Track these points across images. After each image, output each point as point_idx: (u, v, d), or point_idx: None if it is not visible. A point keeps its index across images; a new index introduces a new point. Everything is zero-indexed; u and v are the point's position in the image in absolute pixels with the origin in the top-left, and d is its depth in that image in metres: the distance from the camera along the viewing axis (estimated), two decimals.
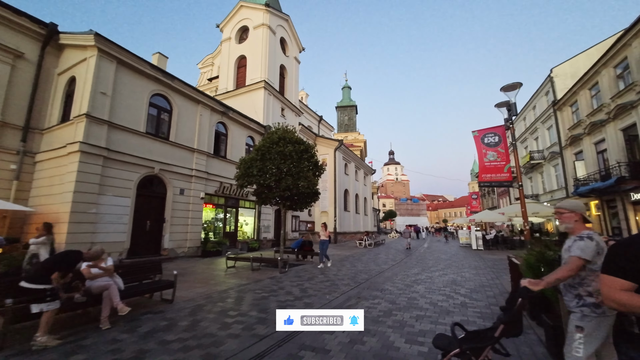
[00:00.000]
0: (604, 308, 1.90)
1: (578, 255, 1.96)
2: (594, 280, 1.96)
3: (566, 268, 1.99)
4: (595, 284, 1.95)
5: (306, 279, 7.71)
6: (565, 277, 2.00)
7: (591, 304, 1.94)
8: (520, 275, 4.86)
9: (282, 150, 9.40)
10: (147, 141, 10.70)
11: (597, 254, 1.96)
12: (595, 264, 1.95)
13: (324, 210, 23.60)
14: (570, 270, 1.97)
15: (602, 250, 1.97)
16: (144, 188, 10.61)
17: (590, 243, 1.98)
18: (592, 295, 1.95)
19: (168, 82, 11.46)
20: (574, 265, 1.96)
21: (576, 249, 1.99)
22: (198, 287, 6.64)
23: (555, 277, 2.02)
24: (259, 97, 17.83)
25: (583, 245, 1.98)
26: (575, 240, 2.05)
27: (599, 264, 1.86)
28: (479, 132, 8.12)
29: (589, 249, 1.96)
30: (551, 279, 2.02)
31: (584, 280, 2.00)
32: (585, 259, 1.94)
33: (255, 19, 19.31)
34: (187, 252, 11.92)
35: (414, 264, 10.89)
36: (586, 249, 1.96)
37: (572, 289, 2.07)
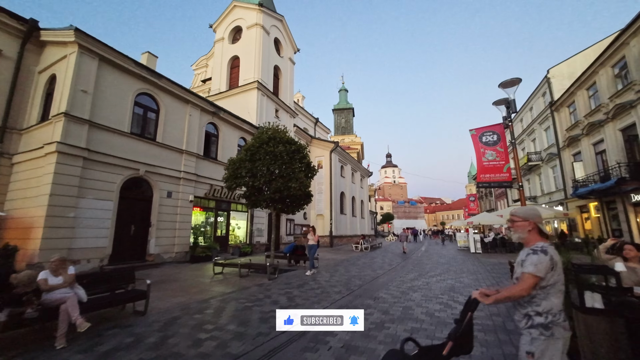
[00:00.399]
0: (554, 329, 1.72)
1: (532, 273, 1.76)
2: (545, 298, 1.77)
3: (519, 287, 1.78)
4: (546, 303, 1.76)
5: (296, 286, 7.26)
6: (517, 296, 1.80)
7: (539, 325, 1.75)
8: None
9: (272, 150, 8.98)
10: (132, 141, 10.26)
11: (550, 269, 1.76)
12: (548, 281, 1.76)
13: (319, 213, 23.17)
14: (522, 289, 1.77)
15: (556, 265, 1.78)
16: (128, 190, 10.14)
17: (544, 258, 1.76)
18: (541, 315, 1.76)
19: (154, 80, 11.04)
20: (526, 285, 1.76)
21: (529, 265, 1.78)
22: (178, 296, 6.18)
23: (505, 296, 1.82)
24: (252, 98, 17.45)
25: (537, 260, 1.77)
26: (528, 254, 1.84)
27: (552, 281, 1.76)
28: (476, 130, 7.77)
29: (543, 265, 1.75)
30: (501, 296, 1.82)
31: (533, 299, 1.80)
32: (539, 276, 1.74)
33: (248, 19, 19.00)
34: (174, 258, 11.43)
35: (410, 269, 10.47)
36: (539, 264, 1.75)
37: (521, 308, 1.86)
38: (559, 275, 1.79)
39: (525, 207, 2.11)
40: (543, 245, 1.84)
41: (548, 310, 1.75)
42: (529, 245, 1.91)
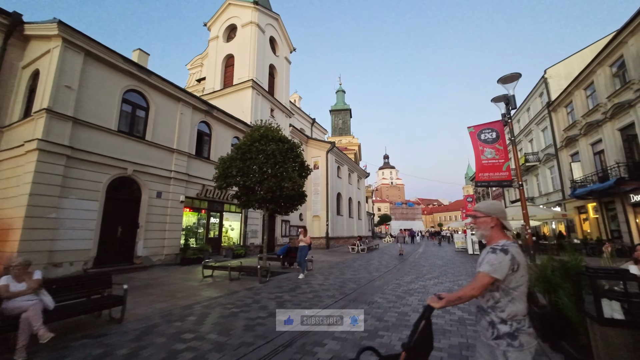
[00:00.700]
0: (521, 338, 1.55)
1: (486, 272, 1.60)
2: (509, 303, 1.61)
3: (470, 286, 1.63)
4: (511, 308, 1.60)
5: (287, 290, 6.94)
6: (467, 296, 1.62)
7: (506, 335, 1.58)
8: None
9: (264, 148, 8.67)
10: (120, 140, 9.90)
11: (512, 270, 1.59)
12: (510, 284, 1.61)
13: (316, 215, 22.85)
14: (474, 289, 1.61)
15: (519, 266, 1.61)
16: (114, 191, 9.77)
17: (504, 257, 1.60)
18: (506, 322, 1.59)
19: (144, 77, 10.70)
20: (479, 284, 1.60)
21: (485, 264, 1.63)
22: (161, 301, 5.83)
23: (457, 296, 1.64)
24: (247, 97, 17.14)
25: (494, 259, 1.61)
26: (487, 253, 1.68)
27: (515, 284, 1.60)
28: (474, 127, 7.51)
29: (501, 265, 1.58)
30: (453, 297, 1.64)
31: (498, 304, 1.64)
32: (494, 277, 1.58)
33: (243, 17, 18.72)
34: (164, 260, 11.05)
35: (407, 271, 10.18)
36: (497, 264, 1.59)
37: (485, 314, 1.70)
38: (523, 277, 1.63)
39: (487, 202, 1.89)
40: (505, 243, 1.66)
41: (513, 317, 1.59)
42: (491, 244, 1.73)
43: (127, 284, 7.05)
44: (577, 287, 2.65)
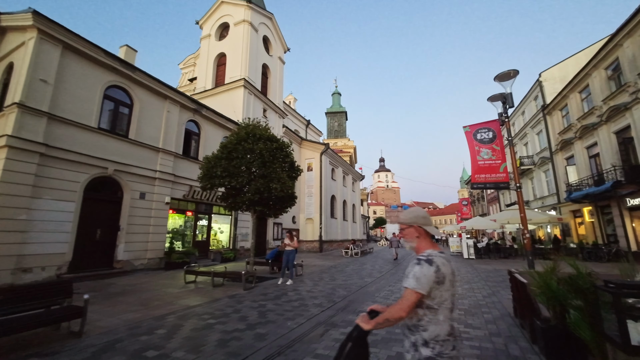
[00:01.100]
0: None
1: (412, 288, 1.43)
2: (433, 322, 1.45)
3: (397, 307, 1.45)
4: (434, 328, 1.44)
5: (272, 298, 6.51)
6: (395, 319, 1.44)
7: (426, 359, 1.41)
8: (528, 298, 3.81)
9: (251, 147, 8.27)
10: (100, 138, 9.41)
11: (436, 284, 1.43)
12: (434, 299, 1.44)
13: (309, 217, 22.42)
14: (401, 309, 1.42)
15: (444, 279, 1.45)
16: (94, 191, 9.27)
17: (428, 269, 1.44)
18: (428, 344, 1.43)
19: (128, 73, 10.25)
20: (407, 303, 1.42)
21: (410, 278, 1.46)
22: (133, 310, 5.36)
23: (385, 318, 1.47)
24: (239, 96, 16.73)
25: (419, 272, 1.45)
26: (413, 265, 1.50)
27: (440, 299, 1.45)
28: (470, 127, 7.20)
29: (426, 278, 1.42)
30: (381, 319, 1.48)
31: (420, 322, 1.47)
32: (420, 292, 1.42)
33: (236, 16, 18.36)
34: (147, 265, 10.53)
35: (400, 277, 9.80)
36: (422, 277, 1.43)
37: (409, 333, 1.52)
38: (448, 292, 1.47)
39: (408, 210, 1.71)
40: (430, 253, 1.51)
41: (434, 337, 1.43)
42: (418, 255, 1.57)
43: (103, 291, 6.60)
44: (592, 304, 2.30)
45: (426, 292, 1.41)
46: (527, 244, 6.25)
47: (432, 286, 1.42)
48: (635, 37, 12.36)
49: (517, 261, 14.66)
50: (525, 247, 6.24)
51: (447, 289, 1.46)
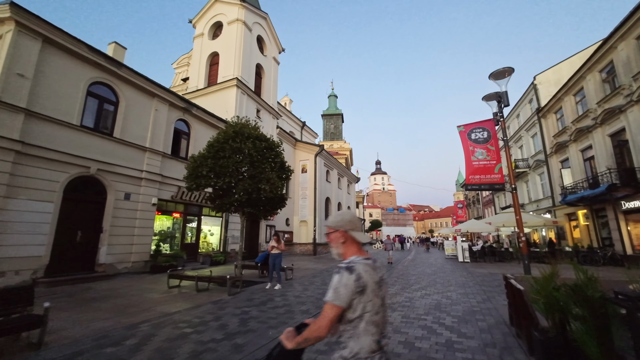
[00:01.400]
0: None
1: (330, 301, 1.28)
2: (352, 337, 1.30)
3: (316, 323, 1.29)
4: (354, 344, 1.29)
5: (257, 304, 6.19)
6: (313, 338, 1.27)
7: None
8: (525, 306, 3.55)
9: (239, 146, 7.96)
10: (82, 136, 9.05)
11: (357, 294, 1.29)
12: (355, 311, 1.29)
13: (303, 220, 22.10)
14: (320, 328, 1.26)
15: (365, 288, 1.30)
16: (74, 191, 8.88)
17: (348, 278, 1.30)
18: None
19: (113, 69, 9.91)
20: (325, 320, 1.26)
21: (329, 290, 1.31)
22: (106, 318, 5.01)
23: (303, 337, 1.30)
24: (231, 96, 16.43)
25: (337, 282, 1.31)
26: (334, 274, 1.36)
27: (360, 311, 1.29)
28: (464, 127, 6.99)
29: (345, 289, 1.28)
30: (301, 338, 1.31)
31: (340, 338, 1.36)
32: (339, 305, 1.27)
33: (229, 15, 18.10)
34: (131, 268, 10.14)
35: (394, 281, 9.52)
36: (341, 288, 1.29)
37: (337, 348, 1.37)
38: (371, 303, 1.31)
39: (335, 214, 1.57)
40: (352, 260, 1.37)
41: (354, 355, 1.28)
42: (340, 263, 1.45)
43: (78, 296, 6.23)
44: (601, 317, 2.04)
45: (346, 304, 1.26)
46: (524, 248, 6.01)
47: (352, 297, 1.27)
48: (630, 39, 12.33)
49: (512, 265, 14.47)
50: (522, 250, 6.00)
51: (369, 299, 1.30)
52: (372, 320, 1.30)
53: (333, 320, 1.26)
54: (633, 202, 12.20)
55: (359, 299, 1.28)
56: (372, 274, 1.35)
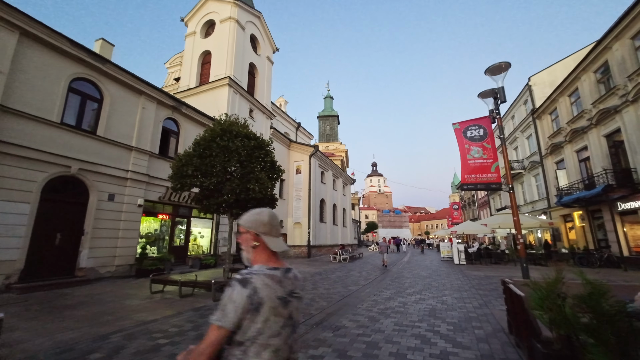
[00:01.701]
0: None
1: (213, 322, 1.07)
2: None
3: (199, 347, 1.06)
4: None
5: None
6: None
7: None
8: (525, 314, 3.27)
9: (226, 144, 7.63)
10: (63, 134, 8.65)
11: (249, 312, 1.07)
12: (246, 333, 1.08)
13: (297, 222, 21.75)
14: (200, 354, 1.04)
15: (261, 305, 1.09)
16: (54, 192, 8.47)
17: (240, 293, 1.08)
18: None
19: (97, 65, 9.54)
20: (205, 343, 1.05)
21: (217, 308, 1.10)
22: (75, 327, 4.63)
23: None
24: (223, 95, 16.09)
25: (226, 298, 1.09)
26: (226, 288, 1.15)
27: (254, 332, 1.08)
28: (460, 124, 6.75)
29: (233, 306, 1.06)
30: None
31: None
32: (222, 327, 1.05)
33: (222, 13, 17.80)
34: (115, 272, 9.72)
35: (388, 284, 9.22)
36: (229, 305, 1.07)
37: None
38: (269, 323, 1.12)
39: (251, 212, 1.34)
40: (251, 270, 1.18)
41: None
42: None
43: (52, 303, 5.84)
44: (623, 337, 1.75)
45: (232, 325, 1.07)
46: (521, 250, 5.74)
47: (241, 316, 1.07)
48: (625, 39, 12.26)
49: (508, 267, 14.27)
50: (519, 253, 5.73)
51: (265, 319, 1.10)
52: (268, 344, 1.10)
53: (215, 344, 1.06)
54: (629, 203, 12.07)
55: (251, 318, 1.09)
56: (275, 288, 1.14)
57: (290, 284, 1.24)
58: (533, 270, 7.28)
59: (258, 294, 1.10)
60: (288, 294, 1.20)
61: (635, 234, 12.38)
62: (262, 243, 1.27)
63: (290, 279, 1.25)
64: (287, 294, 1.19)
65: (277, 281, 1.18)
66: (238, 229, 1.34)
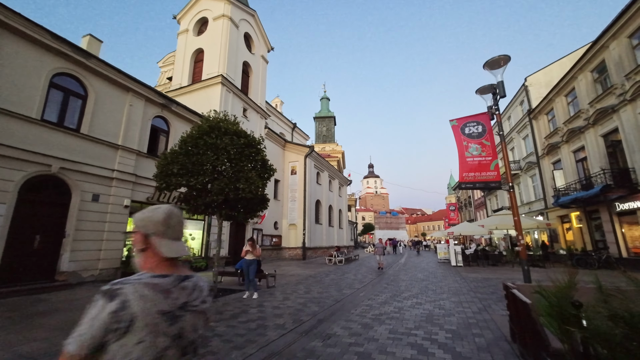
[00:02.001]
0: None
1: (65, 348, 0.85)
2: None
3: None
4: None
5: (228, 317, 5.48)
6: None
7: None
8: (532, 323, 2.97)
9: (214, 142, 7.28)
10: (43, 131, 8.24)
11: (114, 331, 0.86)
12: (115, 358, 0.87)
13: (292, 223, 21.39)
14: None
15: (134, 322, 0.88)
16: (32, 192, 8.04)
17: (102, 309, 0.87)
18: None
19: (81, 59, 9.14)
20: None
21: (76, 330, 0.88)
22: (42, 338, 4.24)
23: None
24: (215, 94, 15.73)
25: (87, 318, 0.87)
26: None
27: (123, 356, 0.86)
28: (457, 120, 6.49)
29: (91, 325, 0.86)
30: None
31: None
32: (74, 354, 0.84)
33: (215, 10, 17.47)
34: (99, 276, 9.28)
35: (383, 287, 8.91)
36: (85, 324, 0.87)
37: None
38: (142, 344, 0.87)
39: (146, 209, 1.09)
40: (128, 279, 0.93)
41: None
42: None
43: (25, 310, 5.50)
44: None
45: (87, 349, 0.84)
46: (522, 252, 5.46)
47: (102, 337, 0.86)
48: (622, 38, 12.15)
49: (506, 269, 14.03)
50: (520, 255, 5.45)
51: (138, 340, 0.87)
52: None
53: None
54: (627, 203, 11.91)
55: (120, 340, 0.86)
56: (156, 300, 0.92)
57: (185, 295, 1.00)
58: (531, 272, 7.02)
59: (128, 309, 0.88)
60: (179, 307, 0.97)
61: (633, 234, 12.21)
62: (150, 246, 1.03)
63: (187, 289, 1.02)
64: (176, 307, 0.96)
65: (162, 291, 0.95)
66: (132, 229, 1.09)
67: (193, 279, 1.08)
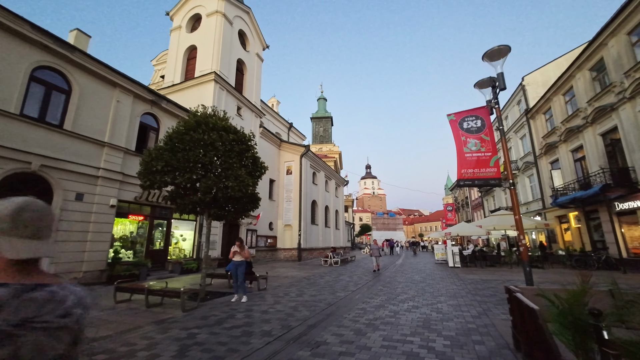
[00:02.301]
0: None
1: None
2: None
3: None
4: None
5: (213, 322, 5.14)
6: None
7: None
8: (539, 331, 2.67)
9: (200, 138, 6.95)
10: (22, 126, 7.86)
11: None
12: None
13: (287, 224, 21.04)
14: None
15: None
16: (11, 190, 7.67)
17: None
18: None
19: (64, 53, 8.78)
20: None
21: None
22: None
23: None
24: (208, 91, 15.38)
25: None
26: None
27: None
28: (455, 115, 6.21)
29: None
30: None
31: None
32: None
33: (209, 6, 17.13)
34: (82, 279, 8.89)
35: (378, 290, 8.60)
36: None
37: None
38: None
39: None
40: None
41: None
42: None
43: None
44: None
45: None
46: (524, 253, 5.18)
47: None
48: (620, 35, 11.98)
49: (504, 270, 13.77)
50: (522, 256, 5.17)
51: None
52: None
53: None
54: (627, 203, 11.71)
55: None
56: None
57: (32, 309, 0.77)
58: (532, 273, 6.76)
59: None
60: (15, 324, 0.75)
61: (633, 234, 12.02)
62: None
63: (36, 301, 0.78)
64: (11, 324, 0.74)
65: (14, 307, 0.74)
66: None
67: (51, 288, 0.82)
